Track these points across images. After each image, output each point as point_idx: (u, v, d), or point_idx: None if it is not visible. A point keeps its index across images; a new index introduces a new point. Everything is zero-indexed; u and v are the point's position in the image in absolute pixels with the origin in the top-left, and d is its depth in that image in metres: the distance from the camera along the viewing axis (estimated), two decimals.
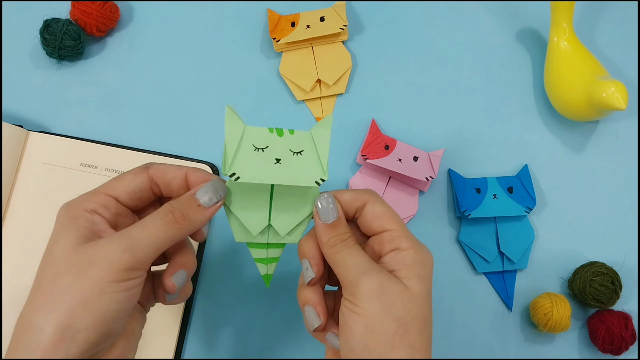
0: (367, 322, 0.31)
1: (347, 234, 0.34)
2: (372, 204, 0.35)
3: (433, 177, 0.48)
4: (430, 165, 0.49)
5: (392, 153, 0.49)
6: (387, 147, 0.49)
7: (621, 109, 0.45)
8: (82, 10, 0.50)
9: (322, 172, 0.34)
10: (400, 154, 0.49)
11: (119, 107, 0.51)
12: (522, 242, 0.49)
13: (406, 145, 0.50)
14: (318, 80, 0.52)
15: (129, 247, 0.30)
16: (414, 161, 0.49)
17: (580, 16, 0.55)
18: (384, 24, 0.55)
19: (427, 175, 0.48)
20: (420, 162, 0.49)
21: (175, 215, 0.32)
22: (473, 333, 0.48)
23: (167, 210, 0.32)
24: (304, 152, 0.35)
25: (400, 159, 0.49)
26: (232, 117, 0.34)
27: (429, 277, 0.33)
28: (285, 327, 0.47)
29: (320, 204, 0.35)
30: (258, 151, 0.34)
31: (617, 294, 0.46)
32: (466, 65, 0.54)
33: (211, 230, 0.48)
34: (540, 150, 0.52)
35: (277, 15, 0.53)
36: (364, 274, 0.32)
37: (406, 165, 0.49)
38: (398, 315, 0.31)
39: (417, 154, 0.49)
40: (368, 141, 0.50)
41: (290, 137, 0.34)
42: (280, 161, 0.34)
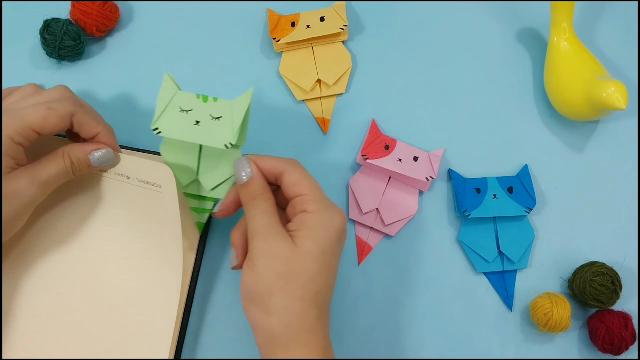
0: (253, 275, 0.37)
1: (256, 192, 0.39)
2: (289, 172, 0.40)
3: (433, 177, 0.48)
4: (430, 165, 0.49)
5: (392, 153, 0.49)
6: (387, 147, 0.49)
7: (621, 109, 0.45)
8: (82, 10, 0.50)
9: (232, 137, 0.39)
10: (400, 154, 0.49)
11: (118, 107, 0.51)
12: (522, 242, 0.49)
13: (406, 145, 0.50)
14: (318, 80, 0.52)
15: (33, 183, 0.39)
16: (414, 161, 0.49)
17: (580, 16, 0.55)
18: (384, 24, 0.55)
19: (427, 175, 0.48)
20: (420, 162, 0.49)
21: (72, 168, 0.41)
22: (473, 333, 0.48)
23: (68, 162, 0.41)
24: (222, 118, 0.39)
25: (401, 159, 0.49)
26: (168, 82, 0.40)
27: (326, 238, 0.38)
28: None
29: (235, 165, 0.40)
30: (182, 112, 0.40)
31: (617, 294, 0.46)
32: (466, 65, 0.54)
33: (211, 230, 0.48)
34: (540, 150, 0.52)
35: (277, 15, 0.53)
36: (257, 234, 0.38)
37: (406, 165, 0.49)
38: (280, 271, 0.37)
39: (417, 154, 0.49)
40: (368, 141, 0.49)
41: (214, 104, 0.40)
42: (199, 123, 0.39)
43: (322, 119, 0.52)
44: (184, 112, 0.40)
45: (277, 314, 0.36)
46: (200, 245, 0.47)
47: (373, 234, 0.49)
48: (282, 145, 0.51)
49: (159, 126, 0.39)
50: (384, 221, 0.49)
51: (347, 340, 0.47)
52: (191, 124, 0.39)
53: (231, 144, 0.39)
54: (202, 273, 0.47)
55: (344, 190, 0.50)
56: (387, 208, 0.49)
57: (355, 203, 0.49)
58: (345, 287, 0.48)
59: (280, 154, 0.50)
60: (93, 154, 0.42)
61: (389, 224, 0.49)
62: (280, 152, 0.51)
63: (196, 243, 0.46)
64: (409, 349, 0.47)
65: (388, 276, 0.48)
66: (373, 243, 0.49)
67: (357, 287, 0.48)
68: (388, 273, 0.49)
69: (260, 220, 0.39)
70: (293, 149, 0.51)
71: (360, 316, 0.48)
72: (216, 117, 0.40)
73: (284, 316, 0.36)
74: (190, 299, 0.46)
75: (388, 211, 0.49)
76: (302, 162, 0.50)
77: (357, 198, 0.49)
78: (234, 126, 0.39)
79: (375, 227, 0.49)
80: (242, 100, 0.40)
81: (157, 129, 0.39)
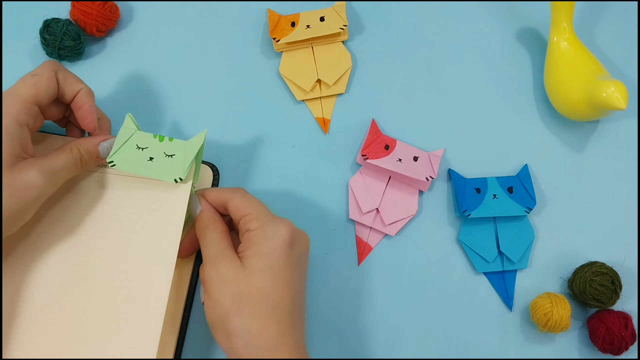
0: (210, 303, 0.38)
1: (205, 223, 0.42)
2: (232, 198, 0.41)
3: (433, 177, 0.48)
4: (430, 165, 0.49)
5: (392, 153, 0.49)
6: (387, 147, 0.49)
7: (621, 109, 0.45)
8: (82, 10, 0.50)
9: (182, 173, 0.41)
10: (400, 154, 0.49)
11: (118, 107, 0.51)
12: (522, 242, 0.49)
13: (406, 145, 0.50)
14: (318, 80, 0.52)
15: (43, 174, 0.39)
16: (414, 161, 0.49)
17: (580, 16, 0.55)
18: (384, 24, 0.55)
19: (428, 175, 0.48)
20: (420, 162, 0.49)
21: (82, 160, 0.42)
22: (473, 333, 0.48)
23: (77, 155, 0.41)
24: (175, 156, 0.42)
25: (401, 159, 0.49)
26: (128, 123, 0.43)
27: (272, 252, 0.38)
28: None
29: (189, 203, 0.43)
30: (138, 149, 0.42)
31: (617, 294, 0.46)
32: (466, 65, 0.54)
33: None
34: (540, 150, 0.52)
35: (277, 15, 0.53)
36: (207, 263, 0.40)
37: (406, 165, 0.49)
38: (232, 293, 0.38)
39: (417, 154, 0.49)
40: (368, 141, 0.49)
41: (169, 143, 0.43)
42: (153, 160, 0.42)
43: (322, 119, 0.52)
44: (139, 149, 0.42)
45: (236, 336, 0.37)
46: None
47: (373, 233, 0.49)
48: (282, 145, 0.51)
49: (114, 159, 0.42)
50: (384, 221, 0.49)
51: (347, 340, 0.47)
52: (145, 160, 0.42)
53: (180, 178, 0.41)
54: None
55: (344, 191, 0.50)
56: (387, 208, 0.49)
57: (355, 203, 0.49)
58: (345, 287, 0.48)
59: (280, 154, 0.51)
60: (102, 144, 0.43)
61: (389, 223, 0.49)
62: (280, 152, 0.51)
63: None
64: (409, 349, 0.47)
65: (388, 276, 0.48)
66: (373, 243, 0.49)
67: (357, 287, 0.48)
68: (388, 273, 0.49)
69: (209, 249, 0.40)
70: (293, 149, 0.51)
71: (360, 316, 0.48)
72: (169, 155, 0.42)
73: (242, 337, 0.37)
74: (190, 299, 0.46)
75: (388, 211, 0.49)
76: (302, 162, 0.51)
77: (357, 198, 0.49)
78: (185, 163, 0.42)
79: (375, 227, 0.49)
80: (195, 140, 0.43)
81: (112, 162, 0.42)
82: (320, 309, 0.47)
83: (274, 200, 0.49)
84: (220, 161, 0.50)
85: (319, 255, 0.48)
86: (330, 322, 0.47)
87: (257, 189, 0.50)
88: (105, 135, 0.44)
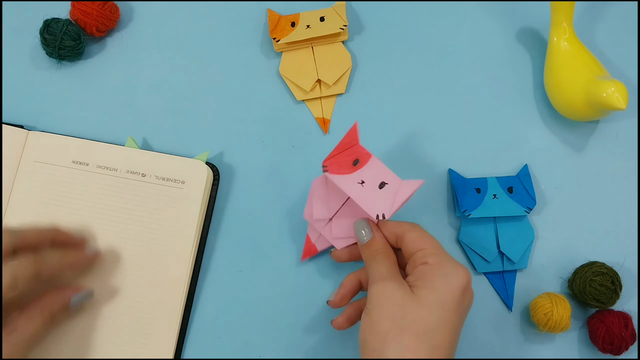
0: (369, 321, 0.37)
1: (378, 250, 0.40)
2: (410, 231, 0.40)
3: (385, 217, 0.40)
4: (393, 199, 0.40)
5: (357, 171, 0.41)
6: (356, 162, 0.42)
7: (621, 109, 0.45)
8: (82, 10, 0.50)
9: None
10: (366, 175, 0.41)
11: (119, 107, 0.51)
12: (522, 242, 0.49)
13: (380, 166, 0.42)
14: (318, 80, 0.52)
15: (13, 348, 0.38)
16: (379, 188, 0.41)
17: (580, 16, 0.55)
18: (384, 24, 0.55)
19: (380, 212, 0.40)
20: (384, 192, 0.41)
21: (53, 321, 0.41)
22: (473, 333, 0.48)
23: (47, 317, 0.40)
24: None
25: (364, 181, 0.41)
26: (130, 143, 0.47)
27: (446, 290, 0.36)
28: (286, 327, 0.47)
29: (355, 226, 0.42)
30: None
31: (617, 294, 0.46)
32: (466, 65, 0.54)
33: (211, 231, 0.48)
34: (540, 150, 0.52)
35: (277, 15, 0.53)
36: (376, 281, 0.38)
37: (365, 191, 0.41)
38: (395, 317, 0.36)
39: (388, 180, 0.41)
40: (338, 149, 0.43)
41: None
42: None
43: (322, 119, 0.52)
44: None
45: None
46: (200, 244, 0.47)
47: (322, 239, 0.46)
48: (282, 145, 0.51)
49: None
50: (331, 232, 0.45)
51: (348, 340, 0.47)
52: None
53: None
54: (202, 274, 0.47)
55: None
56: (340, 222, 0.44)
57: (311, 205, 0.45)
58: None
59: (280, 154, 0.51)
60: (73, 299, 0.42)
61: (336, 237, 0.45)
62: (280, 152, 0.51)
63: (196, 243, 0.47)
64: None
65: None
66: (320, 247, 0.47)
67: None
68: None
69: (380, 269, 0.39)
70: (293, 149, 0.51)
71: None
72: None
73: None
74: (191, 299, 0.46)
75: (339, 226, 0.44)
76: (302, 162, 0.50)
77: (314, 202, 0.45)
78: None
79: (324, 234, 0.45)
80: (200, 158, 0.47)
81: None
82: (321, 307, 0.47)
83: (273, 200, 0.49)
84: (221, 161, 0.50)
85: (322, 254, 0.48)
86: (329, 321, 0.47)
87: (257, 189, 0.50)
88: (74, 287, 0.43)
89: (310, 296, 0.47)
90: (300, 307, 0.47)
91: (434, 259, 0.38)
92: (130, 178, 0.46)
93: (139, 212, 0.46)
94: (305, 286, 0.48)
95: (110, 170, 0.47)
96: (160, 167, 0.47)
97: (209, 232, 0.48)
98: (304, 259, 0.48)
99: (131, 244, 0.45)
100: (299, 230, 0.49)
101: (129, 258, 0.45)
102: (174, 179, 0.46)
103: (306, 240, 0.47)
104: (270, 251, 0.48)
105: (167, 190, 0.46)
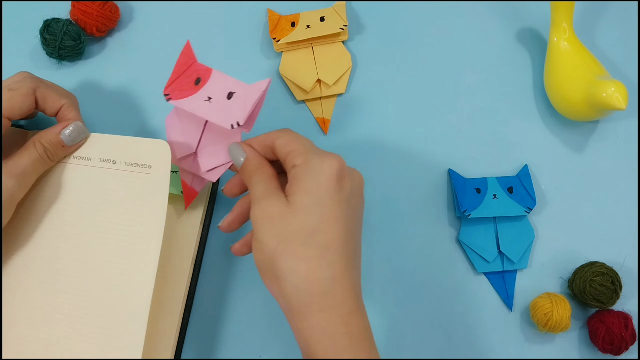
0: (256, 244, 0.36)
1: (253, 169, 0.39)
2: (278, 138, 0.38)
3: (240, 124, 0.38)
4: (243, 105, 0.39)
5: (201, 89, 0.40)
6: (198, 80, 0.40)
7: (621, 109, 0.45)
8: (82, 10, 0.50)
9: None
10: (211, 90, 0.40)
11: (119, 107, 0.51)
12: (522, 242, 0.49)
13: (223, 77, 0.41)
14: (318, 80, 0.52)
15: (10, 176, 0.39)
16: (227, 99, 0.39)
17: (580, 16, 0.55)
18: (384, 24, 0.55)
19: (234, 121, 0.38)
20: (234, 101, 0.39)
21: (47, 154, 0.41)
22: (473, 333, 0.48)
23: (41, 149, 0.41)
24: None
25: (210, 97, 0.40)
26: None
27: (318, 187, 0.36)
28: (286, 327, 0.47)
29: (230, 153, 0.40)
30: None
31: (617, 294, 0.46)
32: (466, 65, 0.54)
33: (212, 230, 0.48)
34: (540, 150, 0.52)
35: (277, 15, 0.53)
36: (253, 203, 0.37)
37: (214, 105, 0.39)
38: (278, 233, 0.35)
39: (235, 89, 0.40)
40: (176, 72, 0.41)
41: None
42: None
43: (322, 119, 0.52)
44: None
45: (284, 279, 0.34)
46: (200, 244, 0.47)
47: (197, 178, 0.44)
48: None
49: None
50: (200, 167, 0.42)
51: None
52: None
53: None
54: (202, 273, 0.47)
55: None
56: (206, 153, 0.42)
57: (171, 146, 0.42)
58: None
59: None
60: (63, 132, 0.42)
61: (207, 170, 0.42)
62: None
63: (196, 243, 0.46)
64: (409, 349, 0.47)
65: (388, 276, 0.48)
66: (198, 187, 0.44)
67: None
68: (388, 273, 0.49)
69: (256, 189, 0.38)
70: None
71: None
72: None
73: (290, 279, 0.34)
74: (191, 299, 0.46)
75: (206, 156, 0.42)
76: None
77: (171, 141, 0.42)
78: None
79: (195, 172, 0.43)
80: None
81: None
82: None
83: None
84: None
85: None
86: None
87: None
88: (64, 122, 0.42)
89: None
90: None
91: (301, 158, 0.36)
92: (100, 166, 0.44)
93: (115, 200, 0.43)
94: None
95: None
96: (129, 149, 0.43)
97: (209, 232, 0.48)
98: (188, 206, 0.45)
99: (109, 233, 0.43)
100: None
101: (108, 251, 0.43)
102: (141, 164, 0.43)
103: (183, 186, 0.44)
104: None
105: (136, 176, 0.43)
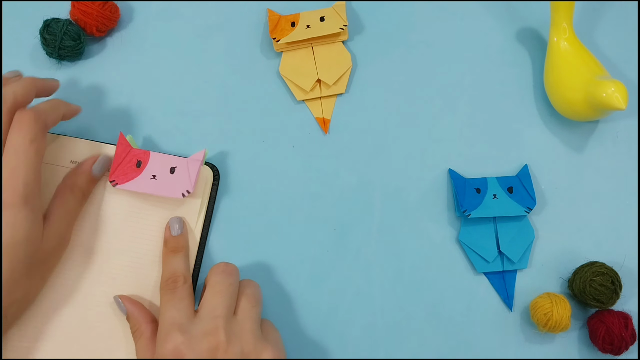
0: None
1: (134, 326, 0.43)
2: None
3: (190, 192, 0.44)
4: (188, 176, 0.45)
5: (144, 170, 0.44)
6: (139, 163, 0.45)
7: (621, 109, 0.45)
8: (82, 10, 0.50)
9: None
10: (154, 169, 0.45)
11: (119, 107, 0.51)
12: (522, 242, 0.49)
13: (161, 156, 0.45)
14: (318, 80, 0.52)
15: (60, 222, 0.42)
16: (171, 174, 0.45)
17: (580, 16, 0.55)
18: (384, 24, 0.55)
19: (184, 190, 0.44)
20: (178, 174, 0.45)
21: (84, 196, 0.44)
22: (473, 333, 0.48)
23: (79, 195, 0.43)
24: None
25: (155, 175, 0.45)
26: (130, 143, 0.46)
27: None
28: (285, 327, 0.47)
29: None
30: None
31: (617, 294, 0.46)
32: (466, 65, 0.54)
33: (212, 230, 0.48)
34: (540, 150, 0.52)
35: (277, 15, 0.53)
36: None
37: (161, 182, 0.44)
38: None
39: (175, 164, 0.45)
40: (117, 161, 0.45)
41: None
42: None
43: (322, 119, 0.52)
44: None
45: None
46: (200, 244, 0.47)
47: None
48: (282, 145, 0.51)
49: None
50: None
51: (347, 340, 0.47)
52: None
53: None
54: (202, 272, 0.47)
55: (344, 190, 0.50)
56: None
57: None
58: (345, 287, 0.48)
59: (280, 154, 0.51)
60: (94, 168, 0.45)
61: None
62: (280, 152, 0.51)
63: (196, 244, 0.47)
64: (409, 349, 0.47)
65: (388, 276, 0.48)
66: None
67: (357, 287, 0.48)
68: (388, 273, 0.49)
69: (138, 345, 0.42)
70: (293, 149, 0.51)
71: (360, 316, 0.48)
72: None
73: None
74: None
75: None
76: (302, 162, 0.50)
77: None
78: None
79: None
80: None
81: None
82: (320, 307, 0.47)
83: (273, 200, 0.49)
84: (220, 161, 0.50)
85: (322, 254, 0.48)
86: (329, 321, 0.47)
87: (256, 189, 0.50)
88: (90, 159, 0.45)
89: (310, 296, 0.47)
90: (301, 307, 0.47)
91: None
92: None
93: (144, 216, 0.46)
94: (305, 287, 0.48)
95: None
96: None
97: (209, 232, 0.48)
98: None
99: (140, 248, 0.46)
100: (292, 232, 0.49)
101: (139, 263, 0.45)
102: None
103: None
104: (270, 252, 0.48)
105: None
